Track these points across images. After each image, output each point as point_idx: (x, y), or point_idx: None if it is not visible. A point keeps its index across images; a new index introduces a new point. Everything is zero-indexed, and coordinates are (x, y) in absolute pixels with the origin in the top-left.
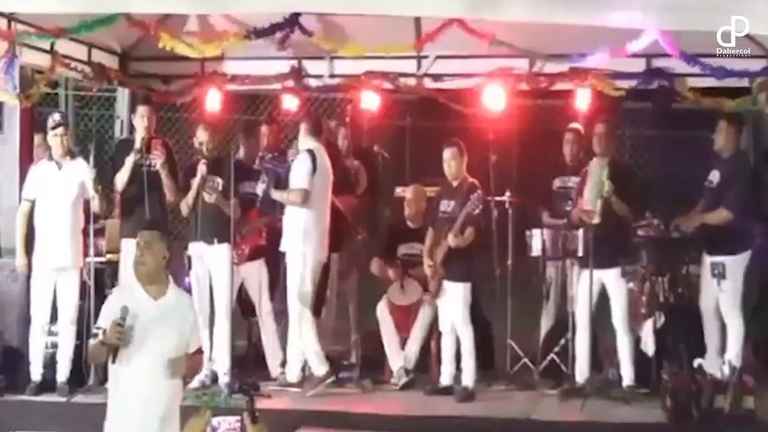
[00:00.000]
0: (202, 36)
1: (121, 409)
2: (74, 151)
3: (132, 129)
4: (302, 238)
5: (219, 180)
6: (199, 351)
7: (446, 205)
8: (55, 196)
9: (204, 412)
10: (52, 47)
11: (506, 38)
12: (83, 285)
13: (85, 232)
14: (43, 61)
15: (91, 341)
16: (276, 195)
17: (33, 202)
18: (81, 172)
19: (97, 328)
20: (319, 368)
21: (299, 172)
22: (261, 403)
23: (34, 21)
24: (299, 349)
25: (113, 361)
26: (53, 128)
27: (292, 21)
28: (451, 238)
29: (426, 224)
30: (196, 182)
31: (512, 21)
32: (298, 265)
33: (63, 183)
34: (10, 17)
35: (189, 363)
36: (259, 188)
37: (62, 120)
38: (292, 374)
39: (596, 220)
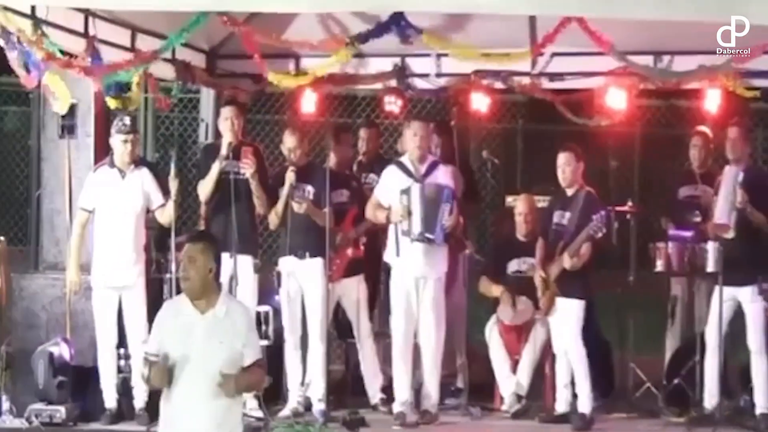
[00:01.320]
0: (301, 45)
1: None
2: (138, 159)
3: (218, 133)
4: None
5: (309, 188)
6: (258, 364)
7: (560, 216)
8: (118, 207)
9: None
10: (133, 44)
11: (628, 34)
12: (163, 303)
13: (147, 247)
14: (121, 58)
15: (144, 369)
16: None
17: (92, 213)
18: (146, 180)
19: (147, 354)
20: (436, 404)
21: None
22: None
23: (111, 17)
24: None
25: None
26: (122, 132)
27: (397, 20)
28: (567, 259)
29: (538, 236)
30: (284, 191)
31: (638, 19)
32: (442, 288)
33: (127, 192)
34: (88, 12)
35: (249, 378)
36: (445, 214)
37: (132, 126)
38: (404, 405)
39: (731, 234)
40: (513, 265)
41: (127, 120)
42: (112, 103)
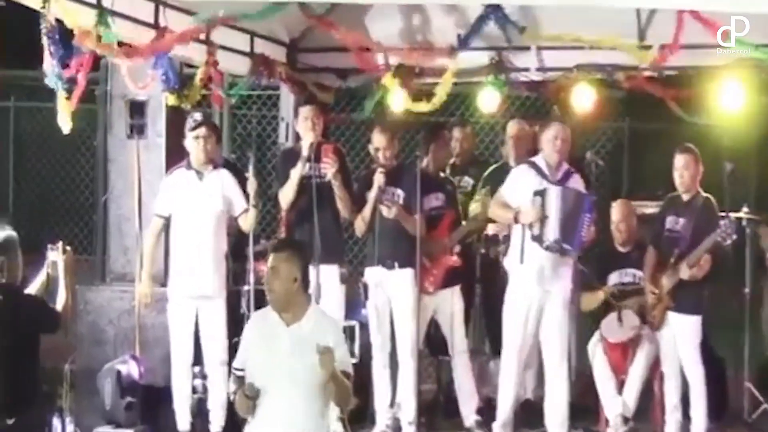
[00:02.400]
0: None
1: None
2: (217, 159)
3: (298, 135)
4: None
5: (399, 192)
6: (347, 376)
7: (673, 222)
8: (196, 212)
9: None
10: (207, 36)
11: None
12: (241, 317)
13: (226, 256)
14: (194, 52)
15: (231, 385)
16: None
17: (168, 219)
18: (227, 183)
19: (236, 369)
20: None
21: None
22: None
23: (183, 7)
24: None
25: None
26: (193, 129)
27: (496, 12)
28: (685, 269)
29: (644, 244)
30: (372, 195)
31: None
32: (568, 304)
33: (205, 196)
34: (158, 1)
35: (339, 379)
36: (584, 225)
37: (204, 119)
38: (506, 427)
39: None
40: (614, 278)
41: (198, 115)
42: (170, 100)
